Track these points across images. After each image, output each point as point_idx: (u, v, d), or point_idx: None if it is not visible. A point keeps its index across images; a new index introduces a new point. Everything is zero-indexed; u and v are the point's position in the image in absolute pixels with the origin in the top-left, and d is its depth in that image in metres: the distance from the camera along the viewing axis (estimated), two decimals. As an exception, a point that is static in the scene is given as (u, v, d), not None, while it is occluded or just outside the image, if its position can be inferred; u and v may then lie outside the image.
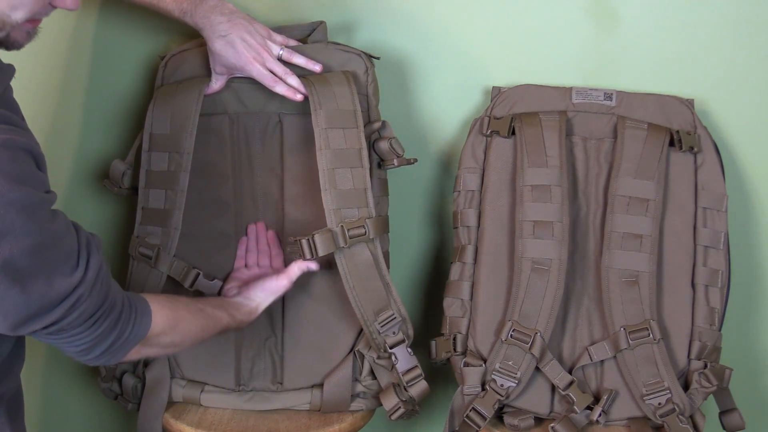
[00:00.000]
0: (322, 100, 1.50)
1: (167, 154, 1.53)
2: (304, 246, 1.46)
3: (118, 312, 1.14)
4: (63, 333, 1.09)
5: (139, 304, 1.19)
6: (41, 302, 1.02)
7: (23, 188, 0.99)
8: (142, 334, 1.18)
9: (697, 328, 1.53)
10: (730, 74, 1.64)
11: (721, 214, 1.56)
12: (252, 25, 1.50)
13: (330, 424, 1.55)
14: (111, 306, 1.12)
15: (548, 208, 1.52)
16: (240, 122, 1.58)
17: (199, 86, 1.54)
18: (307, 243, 1.46)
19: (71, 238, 1.06)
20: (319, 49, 1.58)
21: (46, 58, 1.62)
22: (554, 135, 1.55)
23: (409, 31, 1.66)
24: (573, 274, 1.55)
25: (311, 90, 1.50)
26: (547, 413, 1.52)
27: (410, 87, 1.68)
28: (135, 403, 1.59)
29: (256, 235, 1.61)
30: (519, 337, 1.49)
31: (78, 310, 1.07)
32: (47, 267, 1.02)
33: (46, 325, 1.05)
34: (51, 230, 1.02)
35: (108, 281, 1.13)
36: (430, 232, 1.76)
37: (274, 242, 1.61)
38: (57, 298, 1.04)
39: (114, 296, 1.13)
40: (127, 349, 1.17)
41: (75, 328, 1.09)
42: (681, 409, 1.47)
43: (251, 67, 1.49)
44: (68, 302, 1.05)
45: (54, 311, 1.04)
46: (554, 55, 1.66)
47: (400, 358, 1.51)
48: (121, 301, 1.15)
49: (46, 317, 1.04)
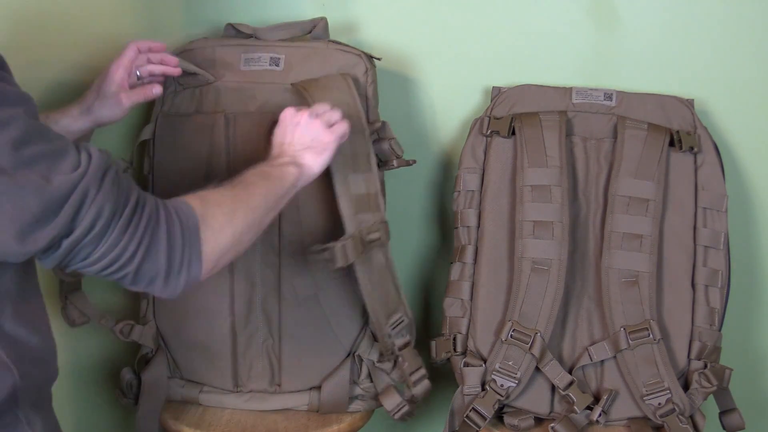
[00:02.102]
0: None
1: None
2: (338, 253, 1.43)
3: (154, 209, 1.03)
4: (98, 247, 0.98)
5: (169, 201, 1.07)
6: (41, 200, 0.94)
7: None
8: (195, 222, 1.06)
9: (697, 328, 1.53)
10: (730, 74, 1.65)
11: (721, 214, 1.56)
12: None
13: (329, 424, 1.55)
14: (141, 202, 1.02)
15: (548, 208, 1.52)
16: (237, 122, 1.57)
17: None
18: (342, 250, 1.43)
19: (65, 142, 0.99)
20: (319, 49, 1.58)
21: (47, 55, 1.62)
22: (554, 135, 1.55)
23: (409, 32, 1.66)
24: (573, 274, 1.55)
25: (309, 100, 1.49)
26: (547, 413, 1.52)
27: (410, 87, 1.68)
28: (131, 399, 1.59)
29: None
30: (519, 337, 1.49)
31: (92, 207, 0.97)
32: (39, 162, 0.94)
33: (61, 231, 0.96)
34: (37, 124, 0.96)
35: (128, 181, 1.03)
36: (430, 232, 1.76)
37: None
38: (59, 195, 0.94)
39: (141, 194, 1.03)
40: (196, 247, 1.05)
41: (107, 236, 0.98)
42: (681, 410, 1.47)
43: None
44: (75, 198, 0.95)
45: (61, 212, 0.95)
46: (554, 55, 1.66)
47: (407, 359, 1.51)
48: (153, 200, 1.04)
49: (54, 220, 0.95)
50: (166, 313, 1.59)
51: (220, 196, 1.14)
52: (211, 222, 1.08)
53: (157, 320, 1.59)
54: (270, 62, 1.58)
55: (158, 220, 1.02)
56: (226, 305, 1.56)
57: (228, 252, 1.11)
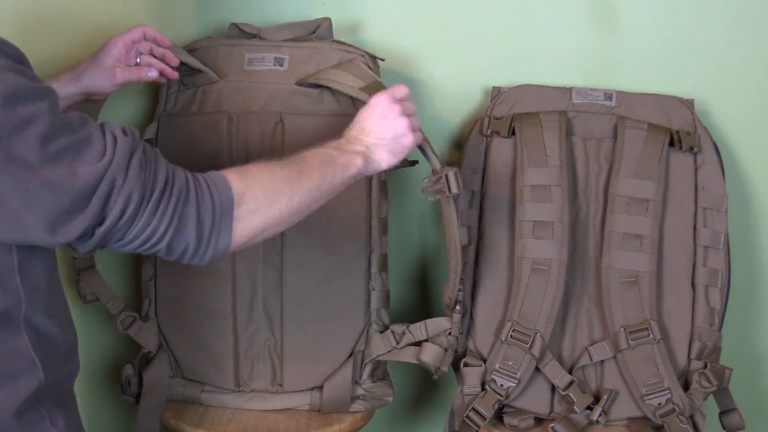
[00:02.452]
0: (353, 84, 1.49)
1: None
2: (452, 179, 1.39)
3: (184, 188, 1.04)
4: (132, 228, 1.01)
5: (209, 175, 1.08)
6: (69, 194, 0.96)
7: (16, 77, 0.95)
8: (230, 199, 1.06)
9: (697, 328, 1.53)
10: (730, 74, 1.65)
11: (721, 214, 1.56)
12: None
13: (330, 424, 1.55)
14: (169, 182, 1.03)
15: (548, 208, 1.52)
16: (240, 122, 1.57)
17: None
18: (455, 176, 1.39)
19: (90, 128, 1.00)
20: (323, 50, 1.58)
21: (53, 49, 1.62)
22: (554, 135, 1.55)
23: (409, 32, 1.66)
24: (573, 275, 1.55)
25: (333, 83, 1.50)
26: (547, 413, 1.52)
27: (410, 87, 1.66)
28: (131, 396, 1.59)
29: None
30: (519, 337, 1.49)
31: (120, 196, 0.99)
32: (65, 155, 0.96)
33: (92, 221, 0.98)
34: (60, 118, 0.97)
35: (155, 160, 1.04)
36: (430, 232, 1.76)
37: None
38: (86, 187, 0.96)
39: (170, 173, 1.04)
40: (227, 224, 1.06)
41: (138, 219, 1.01)
42: (681, 410, 1.47)
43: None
44: (102, 188, 0.97)
45: (90, 203, 0.97)
46: (554, 55, 1.66)
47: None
48: (183, 176, 1.06)
49: (83, 211, 0.97)
50: (167, 312, 1.59)
51: (269, 174, 1.13)
52: (249, 200, 1.09)
53: (159, 319, 1.60)
54: (274, 62, 1.58)
55: (188, 198, 1.04)
56: (228, 305, 1.57)
57: (265, 231, 1.12)
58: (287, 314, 1.57)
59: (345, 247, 1.56)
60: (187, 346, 1.59)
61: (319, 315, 1.57)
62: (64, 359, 1.13)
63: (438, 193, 1.41)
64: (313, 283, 1.57)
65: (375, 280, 1.57)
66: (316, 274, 1.56)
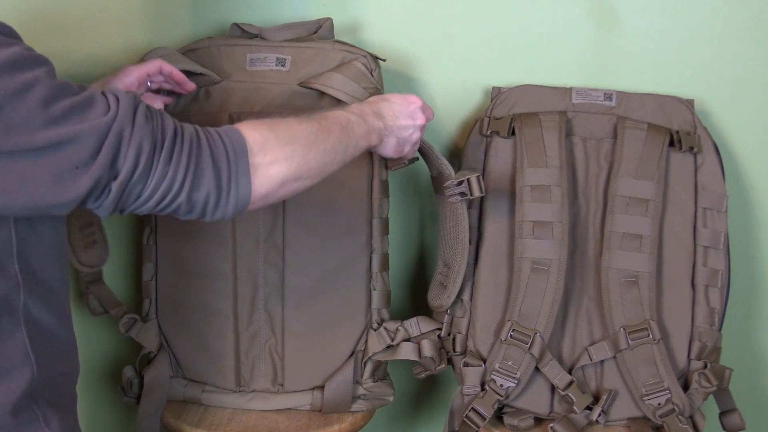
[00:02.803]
0: (353, 94, 1.51)
1: None
2: (474, 183, 1.44)
3: (194, 136, 1.03)
4: (147, 183, 1.00)
5: (217, 127, 1.08)
6: (77, 147, 0.95)
7: (10, 48, 0.96)
8: (242, 144, 1.05)
9: (697, 329, 1.53)
10: (730, 74, 1.65)
11: (721, 214, 1.56)
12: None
13: (330, 424, 1.55)
14: (179, 132, 1.03)
15: (548, 209, 1.52)
16: (241, 122, 1.57)
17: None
18: (477, 180, 1.44)
19: (90, 91, 1.00)
20: (325, 50, 1.58)
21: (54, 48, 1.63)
22: (554, 135, 1.55)
23: (409, 32, 1.66)
24: (573, 275, 1.55)
25: (333, 92, 1.52)
26: (546, 413, 1.52)
27: (410, 87, 1.68)
28: (132, 397, 1.60)
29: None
30: (518, 337, 1.49)
31: (131, 147, 0.98)
32: (70, 115, 0.96)
33: (103, 174, 0.97)
34: (60, 82, 0.98)
35: (161, 114, 1.03)
36: (430, 232, 1.76)
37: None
38: (93, 140, 0.96)
39: (177, 123, 1.04)
40: (244, 169, 1.04)
41: (153, 171, 1.00)
42: (681, 410, 1.47)
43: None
44: (111, 140, 0.97)
45: (99, 155, 0.96)
46: (554, 55, 1.66)
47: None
48: (192, 128, 1.05)
49: (93, 163, 0.96)
50: (168, 312, 1.60)
51: (286, 127, 1.12)
52: (265, 149, 1.07)
53: (160, 319, 1.60)
54: (276, 62, 1.58)
55: (200, 145, 1.03)
56: (229, 305, 1.57)
57: (285, 184, 1.10)
58: (288, 314, 1.57)
59: (346, 247, 1.56)
60: (187, 347, 1.59)
61: (320, 315, 1.57)
62: (58, 357, 1.12)
63: (461, 196, 1.45)
64: (314, 283, 1.57)
65: (376, 280, 1.58)
66: (317, 274, 1.56)
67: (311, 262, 1.56)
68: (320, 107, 1.55)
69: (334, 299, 1.57)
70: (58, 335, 1.11)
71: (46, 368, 1.09)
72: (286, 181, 1.10)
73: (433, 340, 1.55)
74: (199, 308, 1.58)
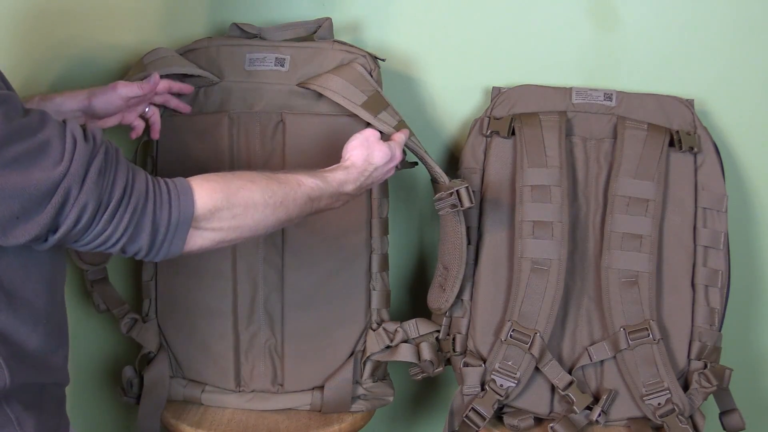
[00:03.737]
0: (351, 98, 1.50)
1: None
2: (464, 194, 1.45)
3: (142, 197, 1.04)
4: (86, 234, 1.01)
5: (175, 184, 1.08)
6: (21, 199, 0.95)
7: None
8: (187, 216, 1.06)
9: (697, 329, 1.53)
10: (730, 74, 1.65)
11: (721, 214, 1.56)
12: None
13: (330, 424, 1.55)
14: (127, 191, 1.03)
15: (548, 209, 1.52)
16: (240, 122, 1.57)
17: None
18: (466, 191, 1.45)
19: (49, 131, 0.98)
20: (324, 50, 1.58)
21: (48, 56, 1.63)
22: (554, 135, 1.55)
23: (410, 32, 1.66)
24: (573, 275, 1.55)
25: (331, 94, 1.51)
26: (546, 413, 1.52)
27: (410, 87, 1.68)
28: (132, 397, 1.60)
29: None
30: (518, 337, 1.49)
31: (75, 207, 0.98)
32: (20, 161, 0.95)
33: (45, 228, 0.98)
34: (17, 123, 0.96)
35: (115, 165, 1.03)
36: (430, 233, 1.76)
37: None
38: (39, 194, 0.96)
39: (129, 180, 1.03)
40: (181, 236, 1.06)
41: (92, 227, 1.01)
42: (681, 410, 1.47)
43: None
44: (57, 198, 0.97)
45: (43, 210, 0.97)
46: (554, 55, 1.66)
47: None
48: (144, 185, 1.05)
49: (35, 218, 0.97)
50: (168, 312, 1.60)
51: (246, 195, 1.12)
52: (213, 218, 1.09)
53: (159, 319, 1.60)
54: (275, 62, 1.58)
55: (145, 207, 1.04)
56: (229, 305, 1.57)
57: (222, 243, 1.12)
58: (288, 314, 1.58)
59: (346, 247, 1.56)
60: (187, 347, 1.59)
61: (320, 315, 1.57)
62: (38, 366, 1.11)
63: (451, 207, 1.46)
64: (313, 283, 1.57)
65: (376, 280, 1.58)
66: (317, 274, 1.56)
67: (311, 262, 1.56)
68: (320, 108, 1.55)
69: (334, 299, 1.57)
70: (33, 344, 1.10)
71: (22, 375, 1.08)
72: (223, 242, 1.13)
73: (431, 342, 1.55)
74: (198, 308, 1.58)
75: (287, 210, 1.17)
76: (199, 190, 1.08)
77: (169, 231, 1.06)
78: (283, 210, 1.16)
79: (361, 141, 1.33)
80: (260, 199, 1.13)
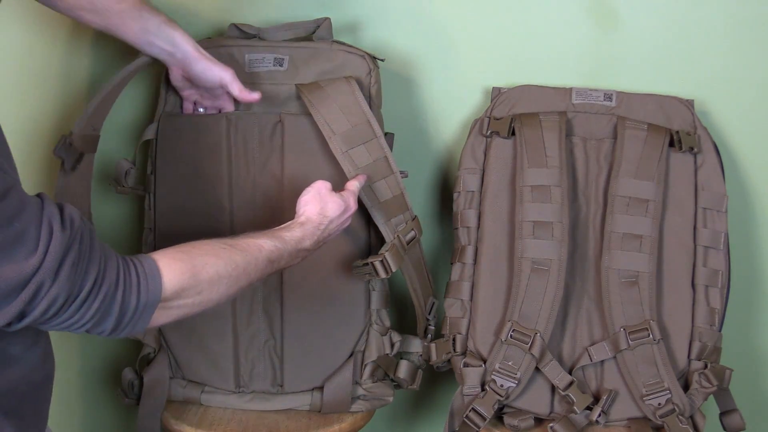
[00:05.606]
0: (332, 125, 1.50)
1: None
2: (379, 267, 1.46)
3: (113, 285, 1.02)
4: (53, 321, 0.99)
5: (144, 266, 1.06)
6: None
7: None
8: (155, 300, 1.06)
9: (697, 329, 1.53)
10: (730, 74, 1.64)
11: (721, 214, 1.56)
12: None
13: (330, 424, 1.55)
14: (98, 281, 1.01)
15: (548, 209, 1.52)
16: (238, 123, 1.57)
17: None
18: (381, 264, 1.46)
19: (25, 220, 0.94)
20: (323, 50, 1.58)
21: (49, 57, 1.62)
22: (554, 135, 1.55)
23: (409, 32, 1.66)
24: (573, 275, 1.55)
25: (316, 114, 1.51)
26: (547, 414, 1.52)
27: (410, 87, 1.68)
28: (133, 399, 1.59)
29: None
30: (519, 337, 1.49)
31: (45, 299, 0.96)
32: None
33: (11, 319, 0.96)
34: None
35: (89, 254, 1.01)
36: (430, 233, 1.76)
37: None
38: (8, 288, 0.93)
39: (101, 270, 1.02)
40: (146, 318, 1.06)
41: (60, 315, 0.99)
42: (681, 410, 1.47)
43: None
44: (27, 293, 0.94)
45: (11, 303, 0.94)
46: (554, 56, 1.66)
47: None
48: (115, 273, 1.03)
49: (2, 309, 0.94)
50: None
51: (212, 271, 1.13)
52: (179, 299, 1.10)
53: (159, 320, 1.60)
54: (274, 62, 1.58)
55: (114, 297, 1.03)
56: (228, 305, 1.57)
57: (185, 316, 1.14)
58: (287, 315, 1.57)
59: (345, 248, 1.56)
60: (187, 347, 1.59)
61: (320, 315, 1.57)
62: (12, 372, 1.09)
63: (367, 275, 1.48)
64: (313, 284, 1.57)
65: (375, 281, 1.57)
66: (316, 274, 1.56)
67: (310, 263, 1.55)
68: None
69: (333, 300, 1.57)
70: (12, 352, 1.08)
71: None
72: (186, 316, 1.13)
73: (411, 361, 1.59)
74: (198, 309, 1.57)
75: (249, 277, 1.19)
76: (167, 271, 1.08)
77: (135, 314, 1.05)
78: (245, 278, 1.18)
79: (313, 195, 1.37)
80: (224, 273, 1.15)
